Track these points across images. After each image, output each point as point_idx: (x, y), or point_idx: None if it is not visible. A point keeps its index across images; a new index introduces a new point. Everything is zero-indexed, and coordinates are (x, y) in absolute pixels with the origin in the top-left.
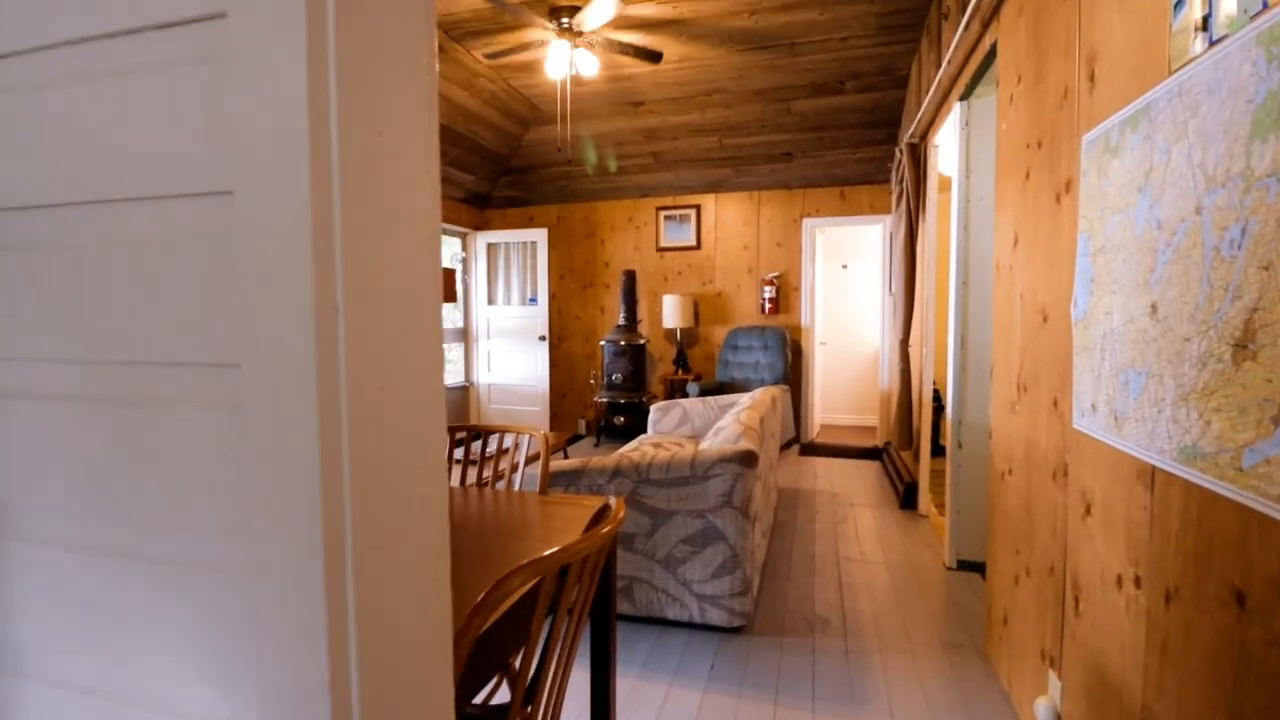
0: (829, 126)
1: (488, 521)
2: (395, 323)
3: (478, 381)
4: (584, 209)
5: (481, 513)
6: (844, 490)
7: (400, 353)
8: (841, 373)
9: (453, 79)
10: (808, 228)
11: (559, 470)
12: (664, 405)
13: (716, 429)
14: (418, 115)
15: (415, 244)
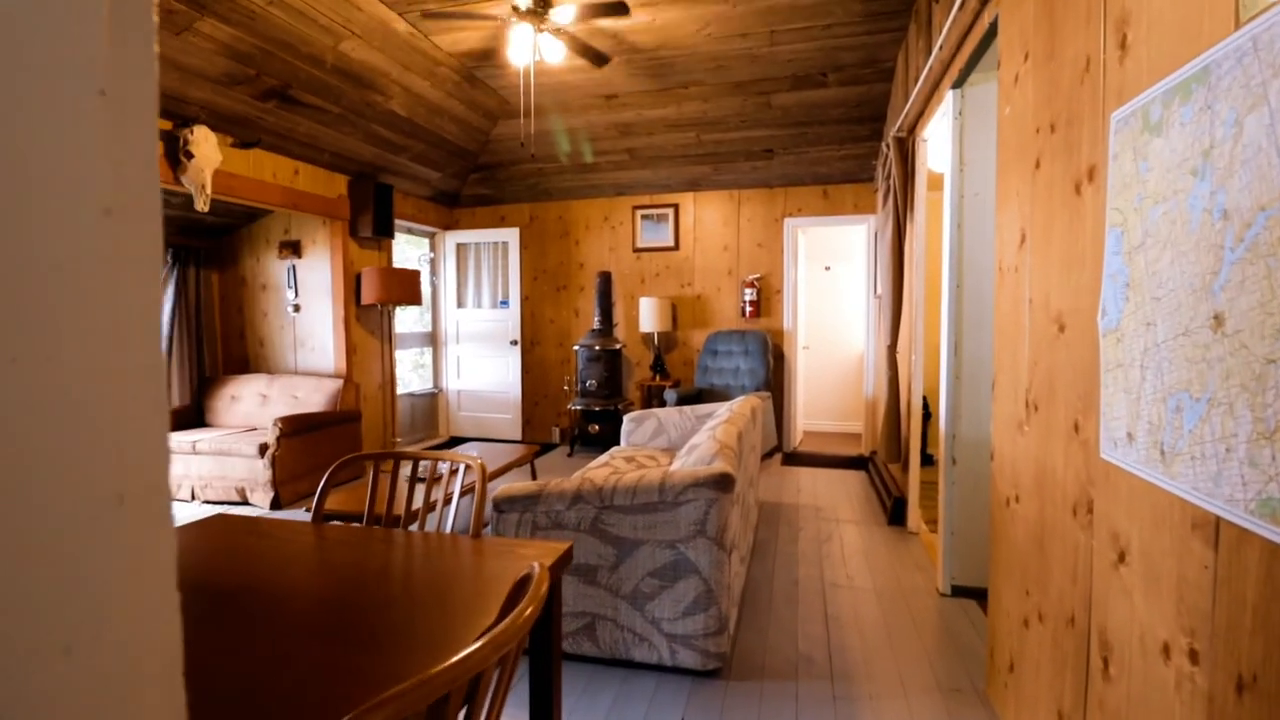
0: (811, 122)
1: (394, 578)
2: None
3: (447, 388)
4: (558, 208)
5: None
6: (828, 504)
7: (49, 306)
8: (825, 378)
9: (412, 67)
10: (790, 228)
11: (512, 495)
12: (638, 415)
13: (690, 446)
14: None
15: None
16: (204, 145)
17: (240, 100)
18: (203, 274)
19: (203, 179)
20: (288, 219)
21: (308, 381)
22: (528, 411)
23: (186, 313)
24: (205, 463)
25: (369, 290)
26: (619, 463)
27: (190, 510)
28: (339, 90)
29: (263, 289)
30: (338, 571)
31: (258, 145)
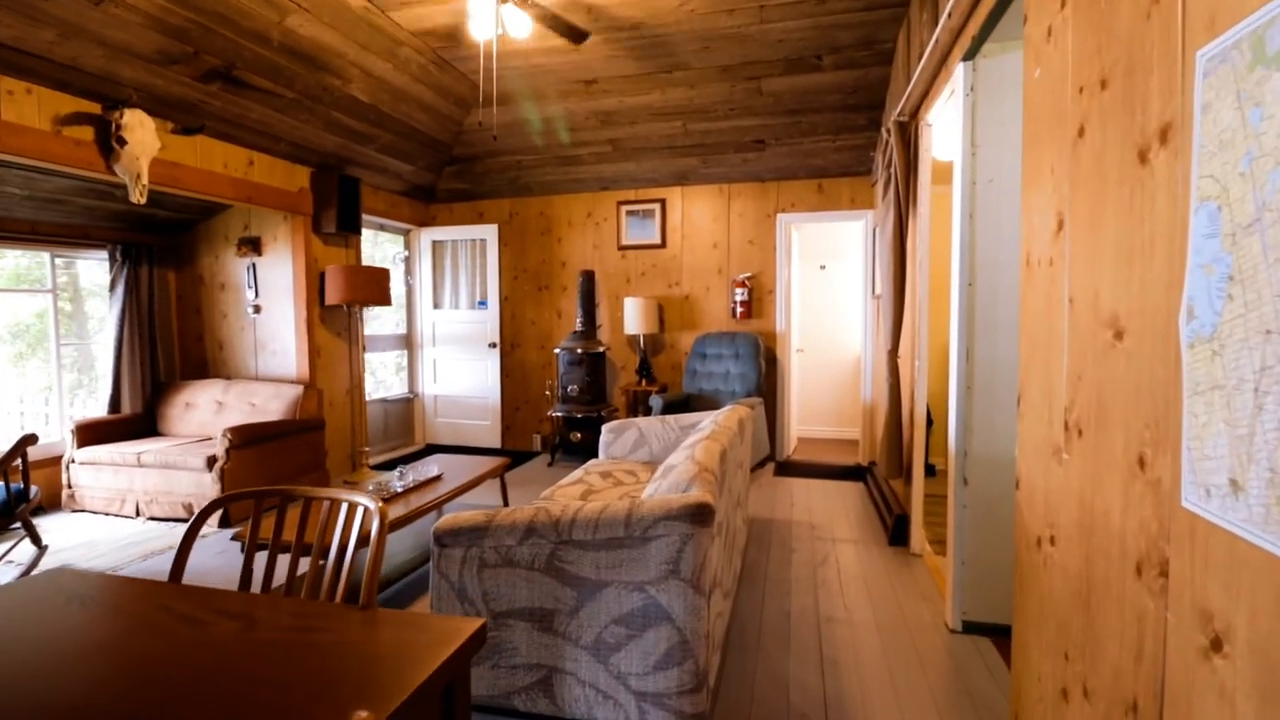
0: (805, 110)
1: (218, 679)
2: None
3: (423, 393)
4: (539, 203)
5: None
6: (824, 520)
7: None
8: (820, 382)
9: (370, 47)
10: (782, 224)
11: (455, 527)
12: (616, 426)
13: (666, 467)
14: None
15: None
16: (139, 130)
17: (179, 82)
18: (157, 273)
19: (138, 168)
20: (247, 214)
21: (266, 388)
22: (508, 418)
23: (138, 314)
24: (151, 477)
25: (334, 290)
26: (594, 479)
27: (135, 529)
28: (290, 72)
29: (221, 289)
30: (141, 667)
31: (201, 131)
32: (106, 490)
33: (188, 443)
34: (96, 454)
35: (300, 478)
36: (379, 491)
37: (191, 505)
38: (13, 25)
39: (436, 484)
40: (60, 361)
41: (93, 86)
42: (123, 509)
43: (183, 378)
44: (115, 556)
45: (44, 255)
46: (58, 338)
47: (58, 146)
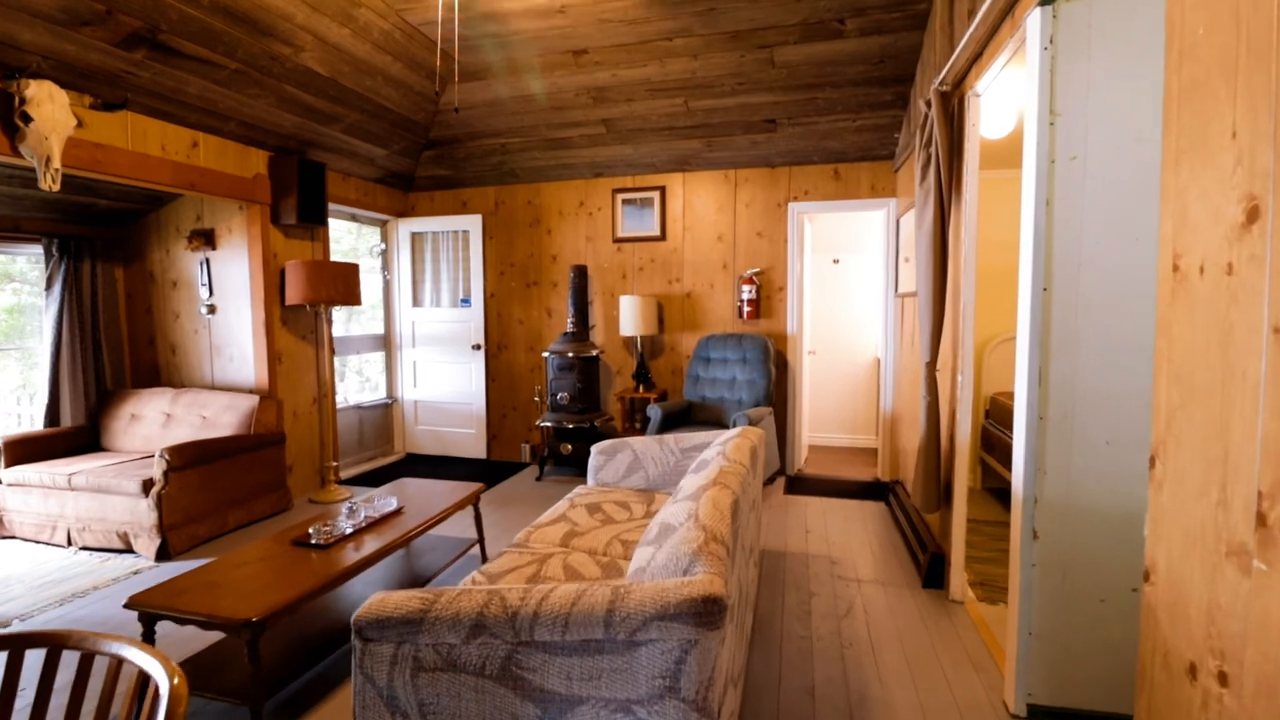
0: (823, 83)
1: None
2: None
3: (403, 398)
4: (526, 191)
5: None
6: (845, 553)
7: None
8: (832, 386)
9: (321, 8)
10: (794, 214)
11: (382, 617)
12: (608, 447)
13: (661, 527)
14: None
15: None
16: (47, 105)
17: (94, 48)
18: (101, 269)
19: (47, 149)
20: (200, 204)
21: (218, 398)
22: (494, 425)
23: (79, 315)
24: (83, 501)
25: (295, 288)
26: (579, 515)
27: (64, 561)
28: (230, 38)
29: (173, 286)
30: None
31: (125, 107)
32: (36, 516)
33: (128, 461)
34: (25, 474)
35: (257, 499)
36: (322, 535)
37: (127, 534)
38: None
39: (396, 521)
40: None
41: None
42: (54, 537)
43: (134, 385)
44: (31, 599)
45: None
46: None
47: None
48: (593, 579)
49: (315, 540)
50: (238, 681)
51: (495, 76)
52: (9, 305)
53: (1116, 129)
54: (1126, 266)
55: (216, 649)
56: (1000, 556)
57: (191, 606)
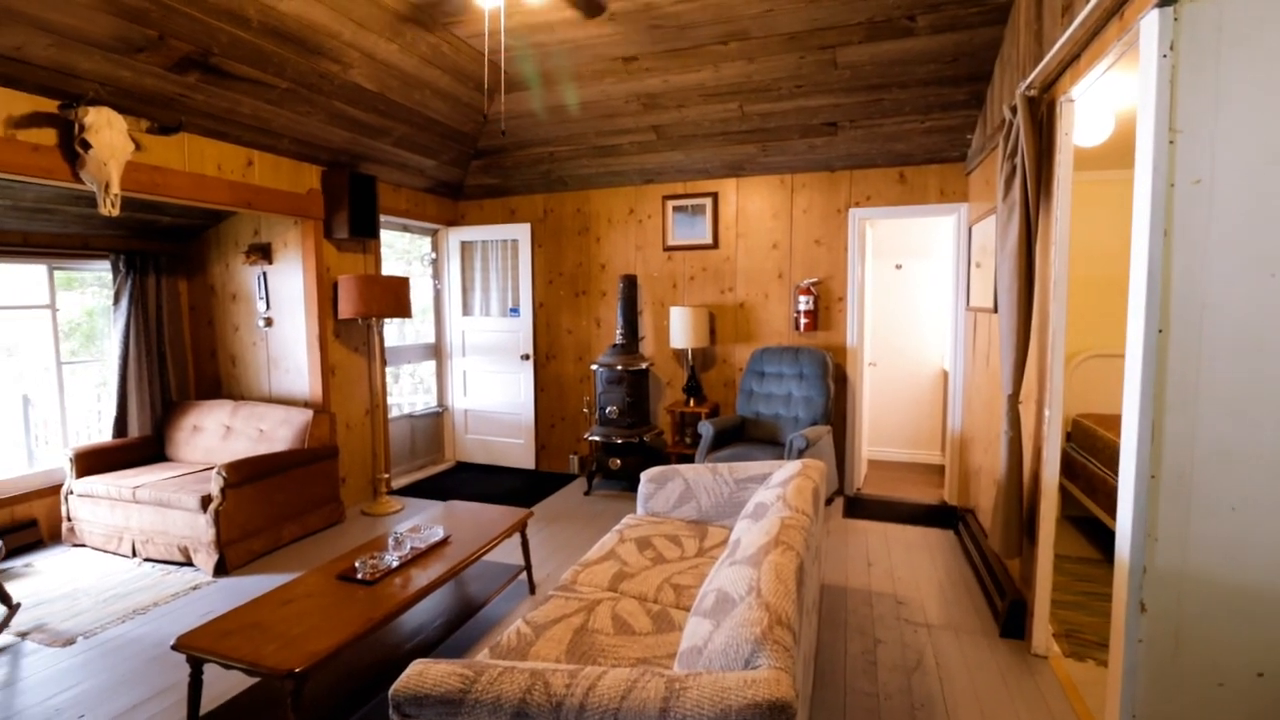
0: (889, 84)
1: None
2: None
3: (453, 406)
4: (575, 199)
5: None
6: (911, 591)
7: None
8: (894, 398)
9: (368, 24)
10: (855, 220)
11: (421, 693)
12: (658, 475)
13: (718, 596)
14: None
15: None
16: (105, 131)
17: (149, 73)
18: (165, 282)
19: (106, 175)
20: (257, 219)
21: (275, 412)
22: (543, 435)
23: (145, 327)
24: (146, 514)
25: (347, 302)
26: (629, 551)
27: (128, 574)
28: (279, 58)
29: (233, 299)
30: None
31: (180, 130)
32: (104, 526)
33: (190, 473)
34: (93, 486)
35: (311, 513)
36: (368, 570)
37: (187, 548)
38: None
39: (443, 552)
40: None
41: (47, 81)
42: (120, 547)
43: (197, 396)
44: (96, 614)
45: (40, 268)
46: (58, 357)
47: (10, 153)
48: (644, 633)
49: (361, 575)
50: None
51: (542, 86)
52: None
53: (1251, 149)
54: (1262, 308)
55: (262, 687)
56: (1087, 601)
57: (236, 652)
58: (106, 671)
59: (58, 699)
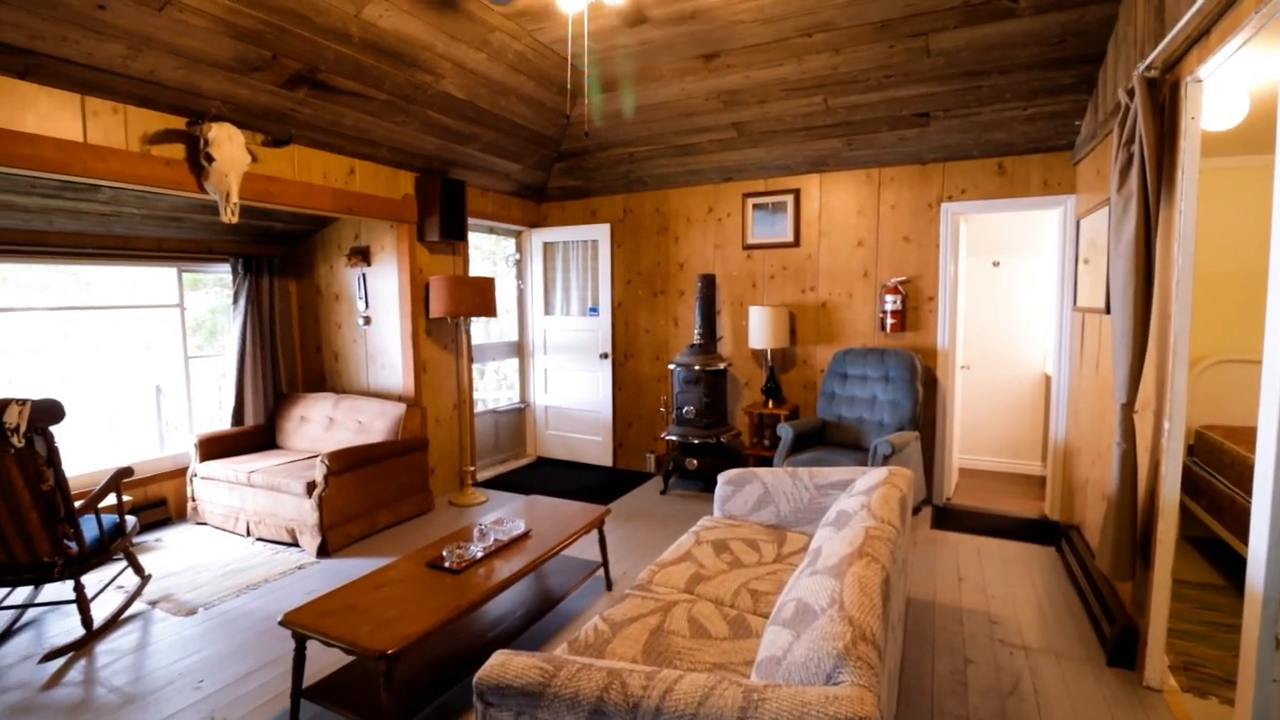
0: (988, 70)
1: None
2: None
3: (534, 403)
4: (654, 199)
5: None
6: (1007, 609)
7: None
8: (989, 403)
9: (459, 36)
10: (948, 215)
11: (503, 684)
12: (736, 477)
13: (797, 606)
14: None
15: None
16: (226, 145)
17: (263, 90)
18: (278, 283)
19: (227, 186)
20: (358, 224)
21: (372, 405)
22: (620, 433)
23: (260, 325)
24: (259, 497)
25: (437, 302)
26: (705, 553)
27: (242, 551)
28: (378, 71)
29: (336, 299)
30: None
31: (290, 142)
32: (222, 507)
33: (297, 460)
34: (214, 470)
35: (403, 501)
36: (455, 559)
37: (294, 530)
38: (80, 40)
39: (524, 545)
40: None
41: (176, 101)
42: (236, 526)
43: (304, 389)
44: (213, 588)
45: (171, 270)
46: (186, 351)
47: (146, 167)
48: (720, 638)
49: (448, 564)
50: (373, 703)
51: (623, 87)
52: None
53: None
54: None
55: (357, 665)
56: (1210, 632)
57: (335, 631)
58: (222, 641)
59: (180, 664)
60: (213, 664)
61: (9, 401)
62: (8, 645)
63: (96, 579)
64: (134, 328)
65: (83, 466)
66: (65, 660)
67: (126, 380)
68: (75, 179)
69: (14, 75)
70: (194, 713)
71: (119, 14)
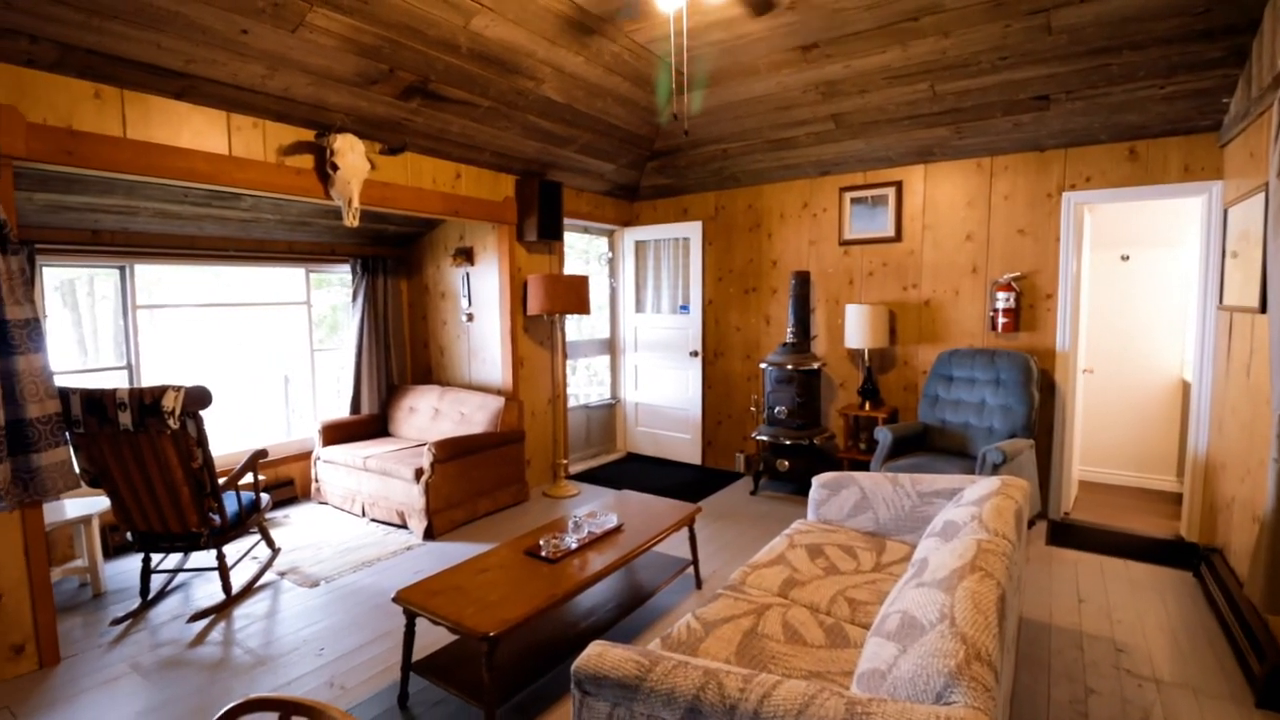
0: (1118, 46)
1: None
2: None
3: (624, 399)
4: (747, 195)
5: None
6: (1135, 638)
7: None
8: (1115, 410)
9: (559, 41)
10: (1070, 205)
11: (600, 674)
12: (832, 480)
13: (905, 617)
14: None
15: None
16: (349, 155)
17: (382, 101)
18: (390, 282)
19: (349, 192)
20: (462, 226)
21: (474, 398)
22: (709, 432)
23: (375, 321)
24: (373, 481)
25: (534, 300)
26: (799, 557)
27: (359, 530)
28: (484, 80)
29: (442, 297)
30: None
31: (404, 150)
32: (342, 488)
33: (406, 448)
34: (334, 454)
35: (500, 490)
36: (550, 549)
37: (403, 513)
38: (226, 62)
39: (616, 539)
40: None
41: (307, 115)
42: (353, 507)
43: (413, 381)
44: (333, 563)
45: (300, 271)
46: (311, 344)
47: (280, 177)
48: (815, 645)
49: (544, 553)
50: (475, 681)
51: (718, 83)
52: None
53: None
54: None
55: (460, 644)
56: None
57: (443, 610)
58: (341, 613)
59: (304, 632)
60: (333, 633)
61: (166, 388)
62: (162, 604)
63: (234, 549)
64: (266, 323)
65: (222, 448)
66: (208, 622)
67: (259, 370)
68: (221, 188)
69: (171, 96)
70: (316, 677)
71: (259, 37)
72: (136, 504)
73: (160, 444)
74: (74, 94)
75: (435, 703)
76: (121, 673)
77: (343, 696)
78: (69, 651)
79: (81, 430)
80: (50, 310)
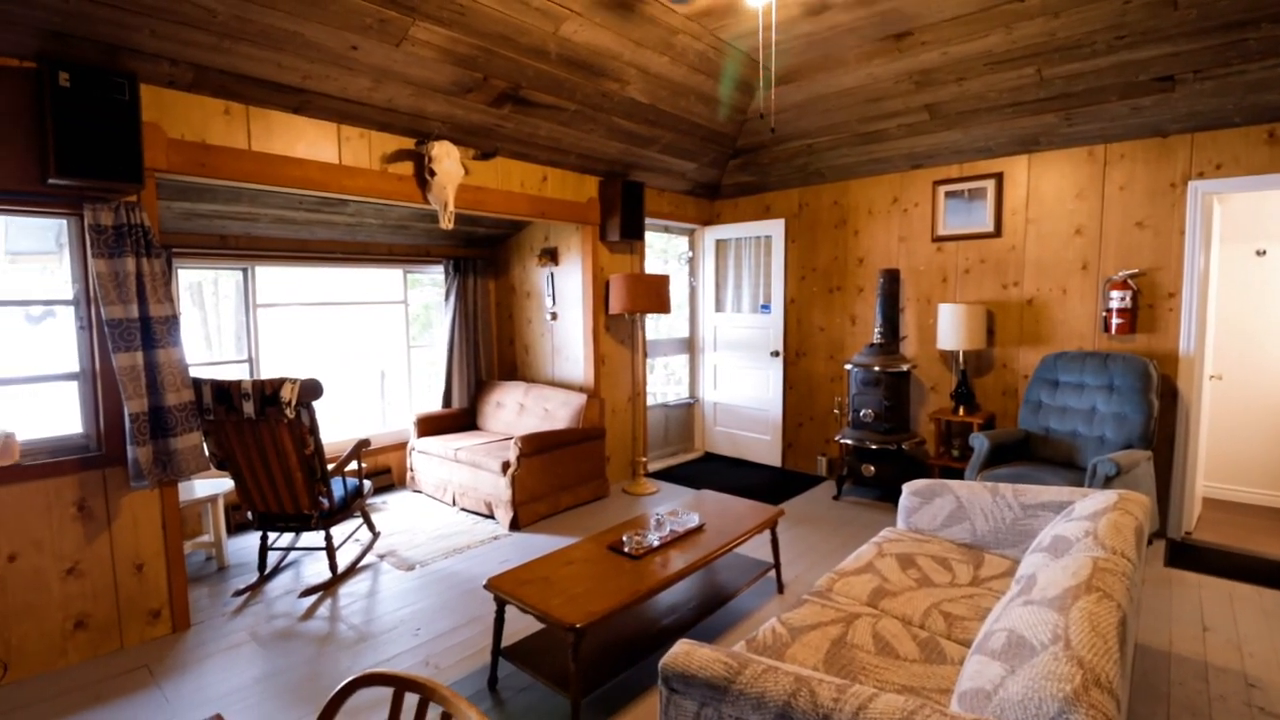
0: (1257, 18)
1: None
2: None
3: (703, 399)
4: (832, 191)
5: None
6: (1270, 673)
7: None
8: (1247, 421)
9: (645, 43)
10: (1196, 195)
11: (688, 673)
12: (924, 488)
13: (1012, 635)
14: None
15: None
16: (445, 161)
17: (476, 109)
18: (479, 282)
19: (445, 196)
20: (547, 227)
21: (557, 394)
22: (789, 434)
23: (465, 319)
24: (463, 472)
25: (615, 299)
26: (889, 566)
27: (449, 518)
28: (571, 84)
29: (527, 296)
30: None
31: (495, 155)
32: (435, 478)
33: (494, 441)
34: (428, 445)
35: (582, 485)
36: (633, 545)
37: (490, 504)
38: (338, 78)
39: (697, 538)
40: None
41: (408, 124)
42: (444, 496)
43: (500, 377)
44: (427, 549)
45: (398, 271)
46: (408, 341)
47: (383, 183)
48: (909, 659)
49: (628, 549)
50: (561, 670)
51: (805, 77)
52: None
53: None
54: None
55: (546, 633)
56: None
57: (531, 600)
58: (435, 596)
59: (402, 612)
60: (428, 615)
61: (284, 380)
62: (277, 579)
63: (340, 532)
64: (366, 320)
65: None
66: (317, 598)
67: (358, 365)
68: (331, 195)
69: (290, 110)
70: (413, 656)
71: (368, 52)
72: (256, 486)
73: (278, 431)
74: (207, 111)
75: (522, 688)
76: (242, 640)
77: (437, 675)
78: (197, 619)
79: (211, 417)
80: (181, 308)
